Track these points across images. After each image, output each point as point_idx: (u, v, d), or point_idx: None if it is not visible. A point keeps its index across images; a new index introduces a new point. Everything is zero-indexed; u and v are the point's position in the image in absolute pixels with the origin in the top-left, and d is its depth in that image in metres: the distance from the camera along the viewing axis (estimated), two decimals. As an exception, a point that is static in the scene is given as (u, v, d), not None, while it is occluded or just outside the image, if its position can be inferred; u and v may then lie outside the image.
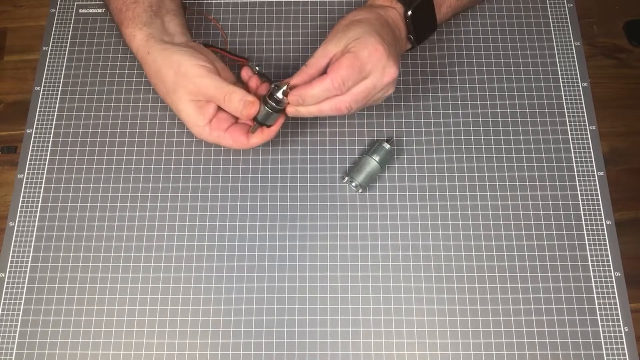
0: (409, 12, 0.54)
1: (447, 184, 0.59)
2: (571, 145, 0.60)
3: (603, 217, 0.57)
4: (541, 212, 0.57)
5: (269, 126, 0.53)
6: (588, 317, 0.54)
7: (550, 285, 0.55)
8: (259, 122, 0.53)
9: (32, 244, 0.57)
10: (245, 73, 0.55)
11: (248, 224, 0.57)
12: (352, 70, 0.50)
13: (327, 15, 0.66)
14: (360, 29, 0.51)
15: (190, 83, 0.51)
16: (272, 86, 0.52)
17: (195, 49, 0.54)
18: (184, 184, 0.59)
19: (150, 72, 0.54)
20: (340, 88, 0.50)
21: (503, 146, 0.60)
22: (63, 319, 0.54)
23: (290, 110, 0.52)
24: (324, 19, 0.66)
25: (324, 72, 0.51)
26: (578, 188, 0.58)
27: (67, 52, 0.64)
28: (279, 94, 0.51)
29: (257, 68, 0.55)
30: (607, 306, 0.54)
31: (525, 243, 0.56)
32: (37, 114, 0.62)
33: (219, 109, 0.53)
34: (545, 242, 0.56)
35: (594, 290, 0.55)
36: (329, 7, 0.66)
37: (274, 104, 0.51)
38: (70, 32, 0.65)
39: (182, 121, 0.54)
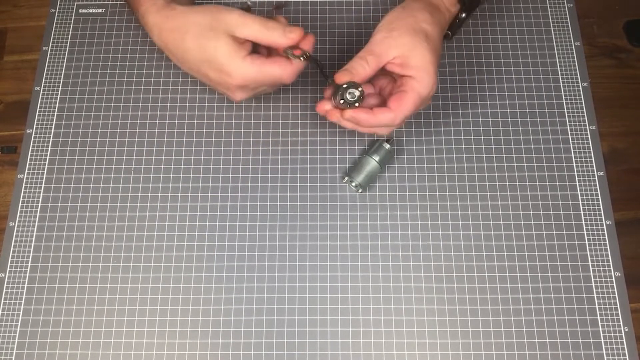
0: None
1: (447, 184, 0.59)
2: (571, 145, 0.60)
3: (603, 217, 0.57)
4: (541, 212, 0.57)
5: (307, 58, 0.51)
6: (588, 317, 0.54)
7: (550, 285, 0.55)
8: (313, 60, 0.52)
9: (32, 244, 0.57)
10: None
11: (248, 224, 0.57)
12: (415, 107, 0.51)
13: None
14: (418, 51, 0.50)
15: (234, 17, 0.50)
16: (348, 85, 0.50)
17: None
18: (184, 184, 0.59)
19: (176, 23, 0.52)
20: (400, 124, 0.52)
21: (503, 146, 0.60)
22: (63, 319, 0.54)
23: (335, 117, 0.52)
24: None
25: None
26: (578, 188, 0.58)
27: (67, 52, 0.64)
28: (351, 95, 0.50)
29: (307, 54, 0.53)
30: (607, 306, 0.54)
31: (525, 243, 0.56)
32: (37, 114, 0.62)
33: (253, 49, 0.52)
34: (545, 242, 0.56)
35: (594, 290, 0.55)
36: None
37: (341, 99, 0.50)
38: (70, 32, 0.65)
39: (213, 66, 0.51)
